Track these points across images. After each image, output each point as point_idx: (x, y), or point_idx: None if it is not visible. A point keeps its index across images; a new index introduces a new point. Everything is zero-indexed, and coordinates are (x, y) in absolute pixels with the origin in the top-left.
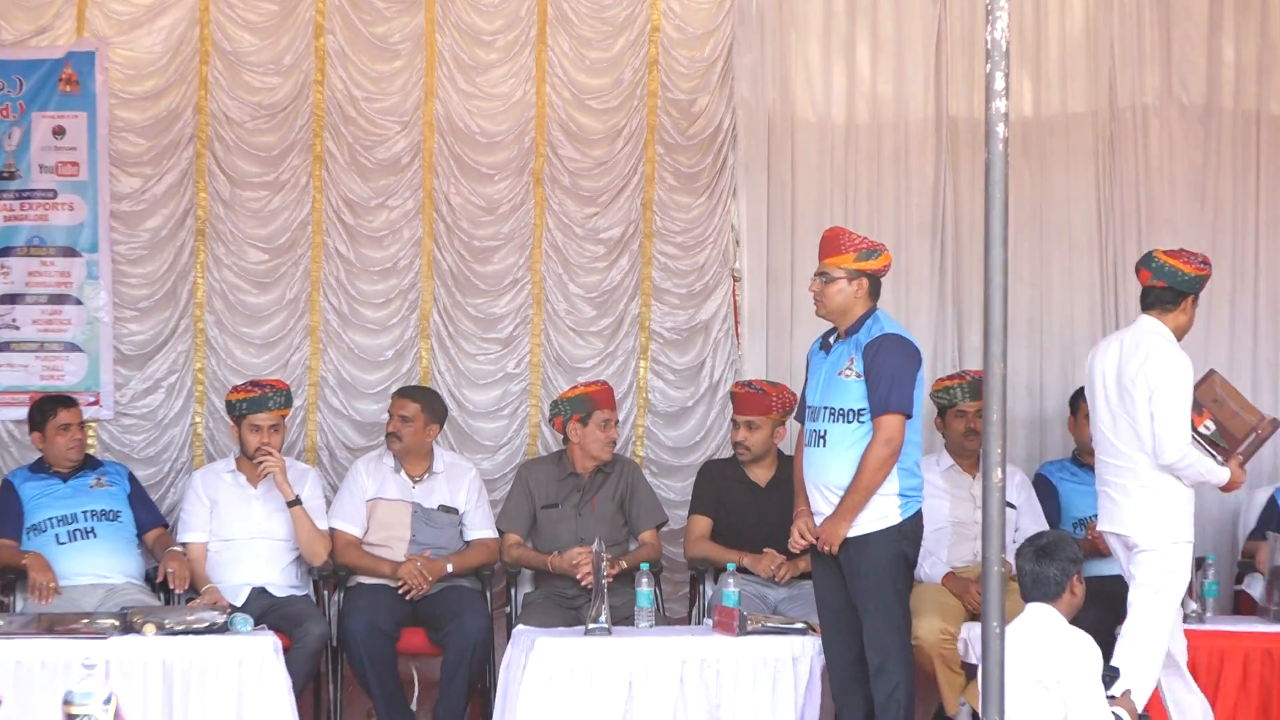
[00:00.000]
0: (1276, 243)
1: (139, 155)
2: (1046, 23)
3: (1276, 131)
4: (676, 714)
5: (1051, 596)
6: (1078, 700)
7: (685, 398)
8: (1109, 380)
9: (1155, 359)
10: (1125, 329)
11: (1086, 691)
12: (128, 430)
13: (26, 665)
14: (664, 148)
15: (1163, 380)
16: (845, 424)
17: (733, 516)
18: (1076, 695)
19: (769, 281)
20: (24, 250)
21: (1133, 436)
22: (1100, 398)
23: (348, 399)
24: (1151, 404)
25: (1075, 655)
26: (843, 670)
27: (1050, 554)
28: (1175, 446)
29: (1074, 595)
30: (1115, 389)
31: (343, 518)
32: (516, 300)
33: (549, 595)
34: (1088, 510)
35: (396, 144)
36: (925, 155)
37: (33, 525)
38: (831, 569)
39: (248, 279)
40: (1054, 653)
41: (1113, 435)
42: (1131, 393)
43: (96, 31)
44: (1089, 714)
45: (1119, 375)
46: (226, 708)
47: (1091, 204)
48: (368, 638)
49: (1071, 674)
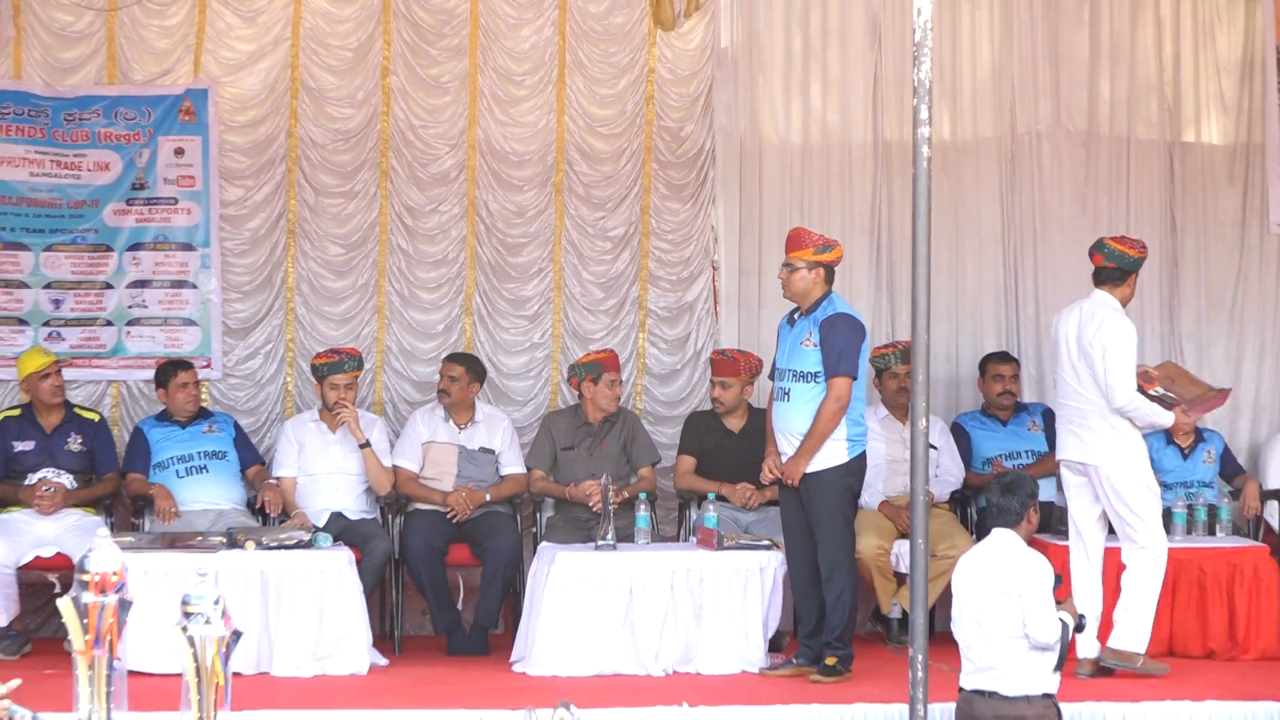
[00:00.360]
0: (1143, 240)
1: (242, 171)
2: (960, 65)
3: (1142, 153)
4: (668, 613)
5: (1013, 524)
6: (1033, 606)
7: (674, 363)
8: (1070, 340)
9: (1107, 325)
10: (1082, 300)
11: (1040, 600)
12: (233, 388)
13: (153, 574)
14: (658, 165)
15: (1113, 341)
16: (805, 383)
17: (712, 456)
18: (1033, 603)
19: (741, 271)
20: (151, 246)
21: (1093, 384)
22: (1064, 354)
23: (407, 363)
24: (1104, 360)
25: (1032, 571)
26: (801, 578)
27: (1012, 489)
28: (1124, 393)
29: (1030, 523)
30: (1076, 347)
31: (403, 457)
32: (541, 285)
33: (567, 519)
34: (994, 451)
35: (446, 162)
36: (865, 171)
37: (158, 463)
38: (793, 498)
39: (328, 268)
40: (1015, 569)
41: (1076, 384)
42: (1089, 352)
43: (209, 73)
44: (1042, 617)
45: (1079, 337)
46: (310, 608)
47: (996, 210)
48: (423, 552)
49: (1029, 586)
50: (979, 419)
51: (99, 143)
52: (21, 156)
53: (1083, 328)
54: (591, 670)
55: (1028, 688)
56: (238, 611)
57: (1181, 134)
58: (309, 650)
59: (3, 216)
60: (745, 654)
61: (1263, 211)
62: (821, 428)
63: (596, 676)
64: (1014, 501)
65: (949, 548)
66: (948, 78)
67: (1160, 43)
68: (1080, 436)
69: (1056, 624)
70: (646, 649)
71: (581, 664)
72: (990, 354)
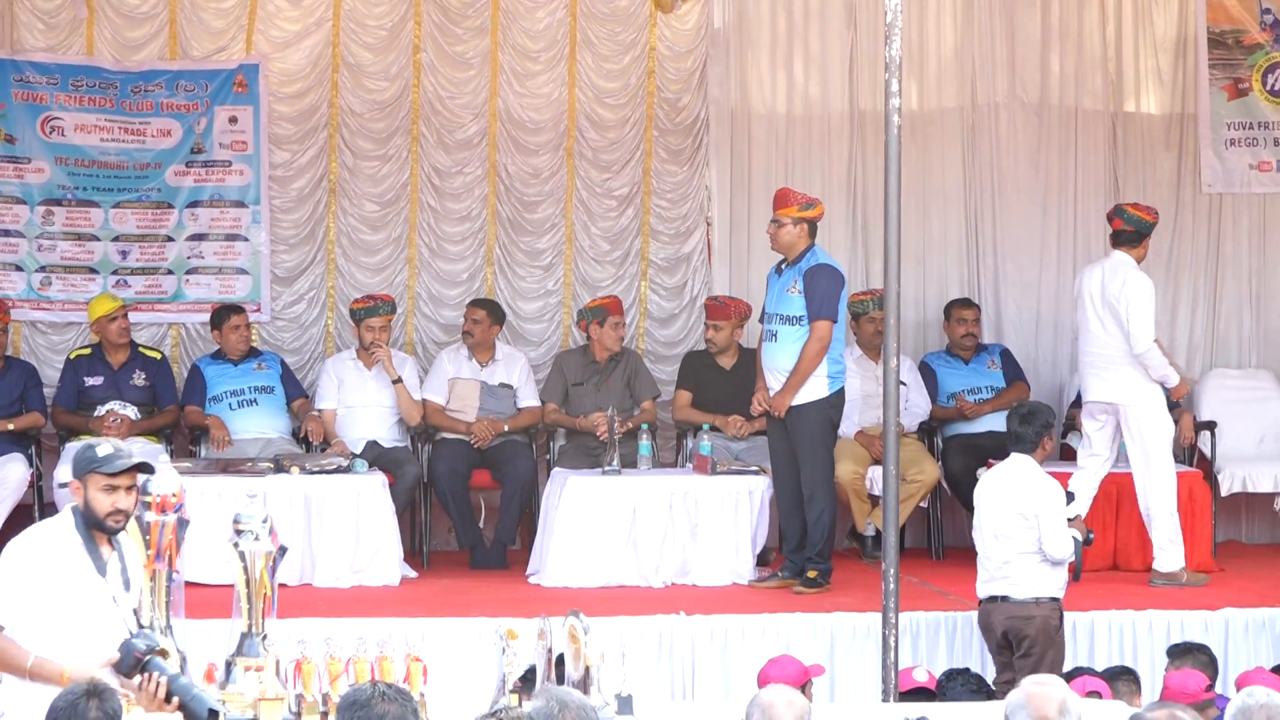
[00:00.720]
0: (1088, 201)
1: (289, 137)
2: (927, 43)
3: (1088, 122)
4: (667, 532)
5: (1028, 450)
6: (1049, 527)
7: (673, 308)
8: (1095, 295)
9: (1130, 281)
10: (1103, 260)
11: (1054, 521)
12: (280, 330)
13: (207, 495)
14: (658, 132)
15: (1135, 295)
16: (791, 326)
17: (706, 391)
18: (1048, 524)
19: (732, 226)
20: (208, 203)
21: (1119, 332)
22: (1089, 306)
23: (435, 308)
24: (1127, 311)
25: (1047, 495)
26: (786, 500)
27: (1029, 419)
28: (1144, 341)
29: (1044, 450)
30: (1100, 301)
31: (431, 391)
32: (554, 239)
33: (577, 447)
34: (957, 387)
35: (470, 129)
36: (842, 137)
37: (212, 396)
38: (779, 428)
39: (364, 223)
40: (1031, 493)
41: (1101, 333)
42: (1114, 305)
43: (260, 50)
44: (1056, 536)
45: (1103, 292)
46: (348, 526)
47: (959, 173)
48: (448, 476)
49: (1045, 508)
50: (944, 358)
51: (161, 112)
52: (93, 124)
53: (1106, 284)
54: (598, 582)
55: (1037, 591)
56: (283, 529)
57: (1123, 105)
58: (347, 564)
59: (76, 177)
60: (736, 568)
61: (1195, 174)
62: (805, 365)
63: (603, 588)
64: (1030, 430)
65: (917, 473)
66: (915, 54)
67: (1104, 23)
68: (1105, 379)
69: (1069, 541)
70: (648, 563)
71: (590, 576)
72: (954, 300)
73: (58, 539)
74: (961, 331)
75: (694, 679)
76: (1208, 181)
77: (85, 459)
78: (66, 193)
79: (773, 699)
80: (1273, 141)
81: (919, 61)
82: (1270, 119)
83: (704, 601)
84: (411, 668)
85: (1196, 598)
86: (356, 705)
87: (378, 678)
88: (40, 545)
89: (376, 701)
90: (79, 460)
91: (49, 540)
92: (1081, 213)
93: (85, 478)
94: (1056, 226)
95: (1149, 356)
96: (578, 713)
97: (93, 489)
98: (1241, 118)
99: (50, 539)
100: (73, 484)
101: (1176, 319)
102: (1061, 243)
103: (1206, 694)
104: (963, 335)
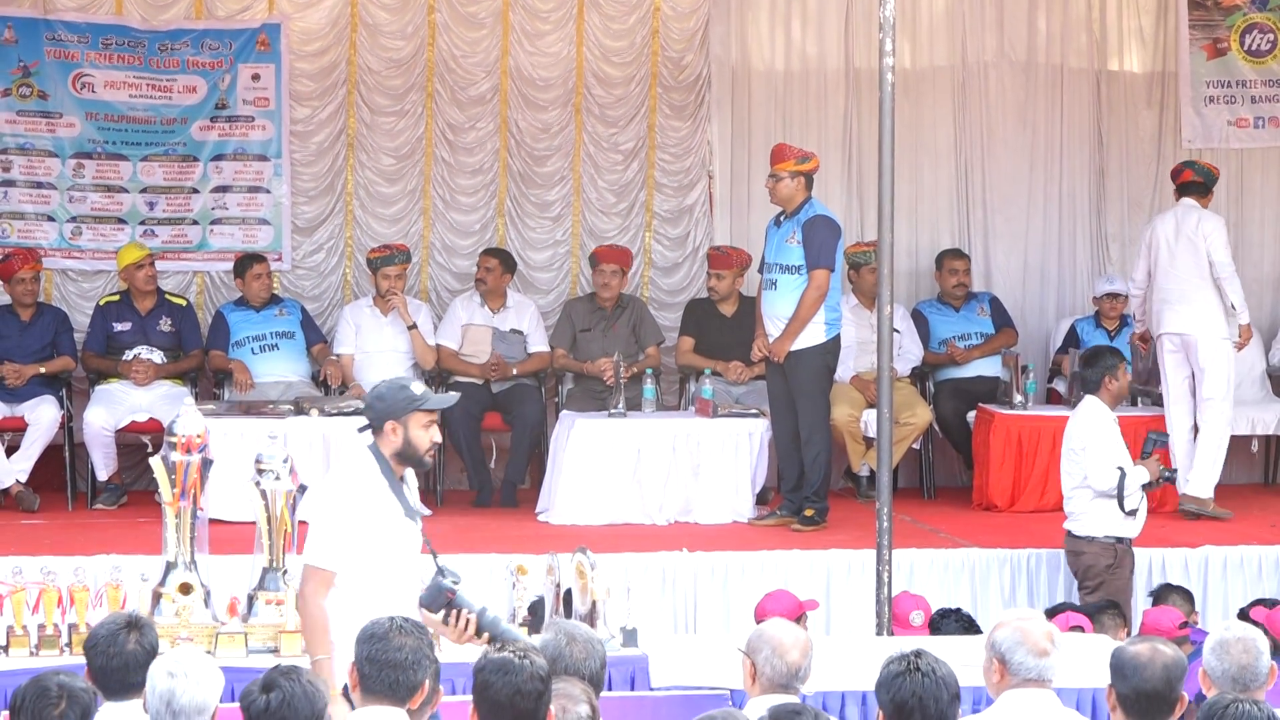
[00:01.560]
0: (1074, 155)
1: (309, 93)
2: (919, 3)
3: (1074, 79)
4: (670, 472)
5: (1094, 390)
6: (1091, 458)
7: (676, 257)
8: (1169, 235)
9: (1204, 218)
10: (1173, 208)
11: (1096, 452)
12: (300, 278)
13: (231, 436)
14: (662, 89)
15: (1211, 229)
16: (790, 275)
17: (708, 337)
18: (1091, 455)
19: (732, 179)
20: (231, 157)
21: (1194, 267)
22: (1162, 247)
23: (448, 257)
24: (1208, 244)
25: (1092, 428)
26: (784, 441)
27: (1091, 361)
28: (1227, 264)
29: (1109, 390)
30: (1175, 239)
31: (445, 337)
32: (563, 191)
33: (584, 390)
34: (948, 334)
35: (482, 86)
36: (838, 94)
37: (235, 341)
38: (778, 372)
39: (382, 177)
40: (1080, 428)
41: (1173, 269)
42: (1191, 240)
43: (281, 10)
44: (1097, 467)
45: (1177, 232)
46: None
47: (950, 128)
48: (461, 418)
49: (1089, 441)
50: (935, 306)
51: (188, 69)
52: (122, 81)
53: (1180, 224)
54: (605, 520)
55: (1093, 529)
56: (303, 469)
57: (1107, 63)
58: None
59: (106, 131)
60: (736, 506)
61: (1176, 129)
62: (804, 312)
63: (609, 525)
64: (1093, 372)
65: (910, 416)
66: (909, 14)
67: None
68: (1179, 311)
69: (1113, 473)
70: (652, 502)
71: (596, 515)
72: (945, 250)
73: (371, 482)
74: (953, 281)
75: (696, 613)
76: (1188, 137)
77: (405, 399)
78: (96, 147)
79: (780, 634)
80: (1250, 99)
81: (912, 21)
82: (1248, 77)
83: (705, 539)
84: None
85: (1179, 535)
86: (375, 638)
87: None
88: (359, 490)
89: (394, 635)
90: (397, 401)
91: (365, 484)
92: (1067, 167)
93: (406, 417)
94: (1043, 180)
95: (1231, 281)
96: (585, 645)
97: (414, 427)
98: (1220, 76)
99: (365, 483)
100: (389, 425)
101: None
102: (1048, 195)
103: (1181, 630)
104: (954, 285)
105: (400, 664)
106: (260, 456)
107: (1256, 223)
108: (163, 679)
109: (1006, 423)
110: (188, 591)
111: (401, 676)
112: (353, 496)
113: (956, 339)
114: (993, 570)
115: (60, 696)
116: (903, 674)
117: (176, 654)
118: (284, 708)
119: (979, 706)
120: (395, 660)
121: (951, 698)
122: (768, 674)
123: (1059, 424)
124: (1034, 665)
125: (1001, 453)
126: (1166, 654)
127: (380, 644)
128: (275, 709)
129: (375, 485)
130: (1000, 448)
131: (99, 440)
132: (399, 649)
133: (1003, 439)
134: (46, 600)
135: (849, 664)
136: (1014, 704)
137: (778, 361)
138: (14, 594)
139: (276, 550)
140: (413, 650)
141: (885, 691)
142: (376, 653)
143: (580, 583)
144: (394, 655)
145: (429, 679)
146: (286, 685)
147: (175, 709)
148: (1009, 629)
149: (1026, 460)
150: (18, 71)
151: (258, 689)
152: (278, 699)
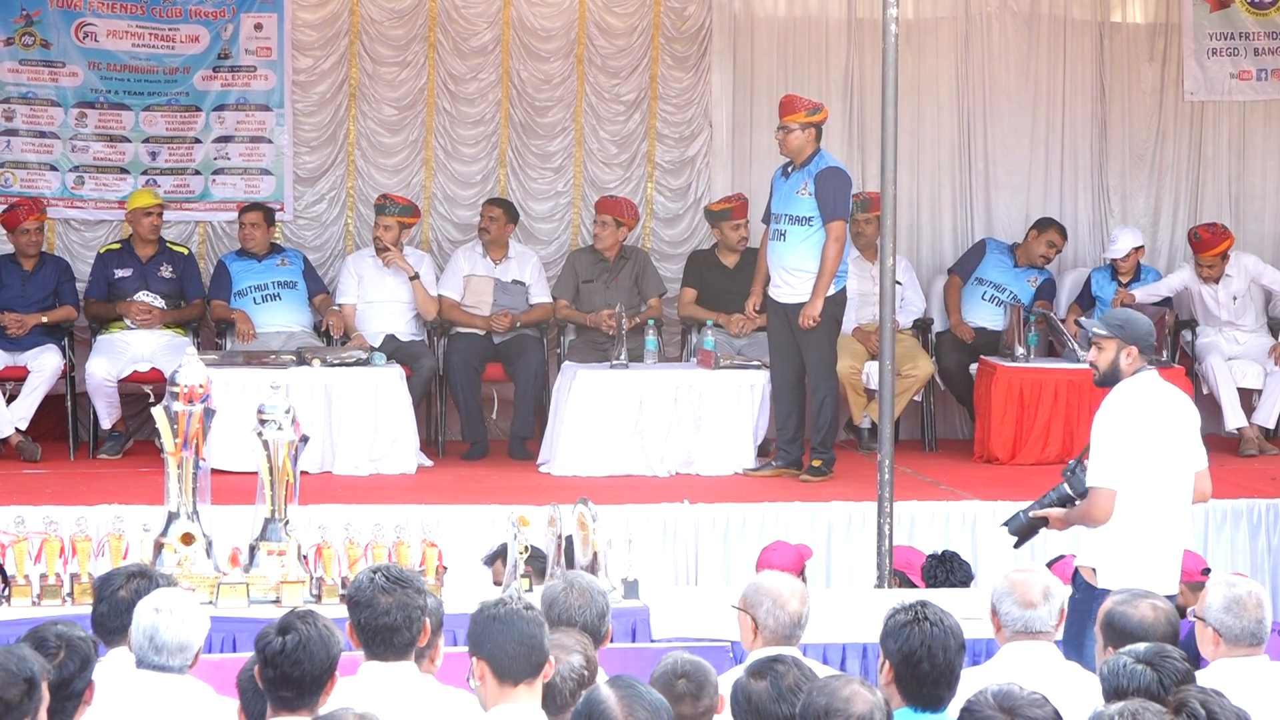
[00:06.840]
0: (1076, 107)
1: (312, 43)
2: None
3: (1077, 30)
4: (672, 423)
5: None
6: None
7: (678, 208)
8: None
9: None
10: None
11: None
12: (303, 228)
13: (233, 386)
14: (664, 39)
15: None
16: (800, 226)
17: (710, 288)
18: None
19: (734, 130)
20: (234, 107)
21: None
22: None
23: (450, 208)
24: None
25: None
26: (783, 392)
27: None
28: None
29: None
30: None
31: (447, 288)
32: (565, 142)
33: (587, 341)
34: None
35: (484, 36)
36: (841, 45)
37: (237, 291)
38: (782, 325)
39: (384, 127)
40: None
41: None
42: None
43: None
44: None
45: None
46: (366, 417)
47: (952, 80)
48: (462, 369)
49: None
50: (1008, 255)
51: (190, 19)
52: (125, 30)
53: None
54: (606, 471)
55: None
56: (305, 419)
57: (1110, 15)
58: (365, 453)
59: (109, 81)
60: (737, 458)
61: (1178, 82)
62: (829, 265)
63: (611, 476)
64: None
65: (911, 368)
66: None
67: None
68: None
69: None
70: (653, 453)
71: (598, 466)
72: (1055, 222)
73: None
74: (1044, 252)
75: (697, 564)
76: (1190, 89)
77: None
78: (99, 96)
79: (778, 586)
80: (1253, 51)
81: None
82: (1251, 29)
83: (707, 490)
84: (427, 552)
85: None
86: (360, 606)
87: (394, 561)
88: None
89: (377, 596)
90: None
91: None
92: (1069, 119)
93: None
94: (1045, 132)
95: None
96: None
97: None
98: (1223, 28)
99: None
100: None
101: (1159, 221)
102: (1050, 147)
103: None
104: (1040, 255)
105: (392, 626)
106: (262, 407)
107: (1259, 175)
108: (148, 615)
109: (1008, 375)
110: (190, 542)
111: (397, 638)
112: None
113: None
114: (994, 523)
115: (59, 647)
116: (910, 623)
117: (163, 592)
118: (299, 650)
119: (978, 659)
120: (386, 624)
121: (959, 647)
122: (770, 626)
123: (1060, 376)
124: (1019, 616)
125: (1003, 405)
126: (1163, 609)
127: (367, 611)
128: (290, 651)
129: None
130: (1002, 400)
131: (101, 390)
132: (386, 612)
133: (1004, 391)
134: (49, 550)
135: (850, 616)
136: (1013, 656)
137: (812, 326)
138: (16, 544)
139: (278, 501)
140: (400, 608)
141: (893, 641)
142: (367, 620)
143: (582, 534)
144: (383, 620)
145: (424, 624)
146: (303, 628)
147: (158, 644)
148: (1003, 580)
149: (1028, 413)
150: (20, 20)
151: (274, 631)
152: (294, 641)
